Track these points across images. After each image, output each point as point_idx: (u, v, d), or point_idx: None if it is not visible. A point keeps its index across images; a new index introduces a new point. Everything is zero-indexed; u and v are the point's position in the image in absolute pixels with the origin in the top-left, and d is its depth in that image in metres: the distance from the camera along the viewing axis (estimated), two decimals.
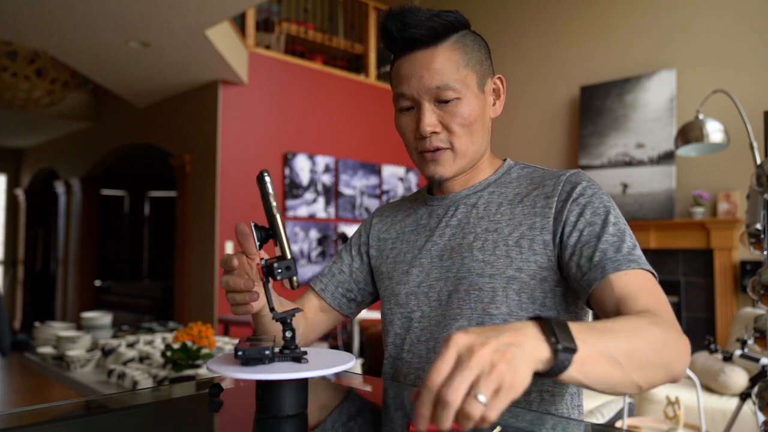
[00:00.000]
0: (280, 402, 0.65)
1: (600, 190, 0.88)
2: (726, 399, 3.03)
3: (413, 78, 0.88)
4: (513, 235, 0.88)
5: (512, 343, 0.52)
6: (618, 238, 0.82)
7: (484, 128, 0.93)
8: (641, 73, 4.92)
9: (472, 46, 0.91)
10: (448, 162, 0.91)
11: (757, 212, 1.99)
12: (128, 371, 2.25)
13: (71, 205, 7.31)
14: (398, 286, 0.97)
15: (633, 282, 0.78)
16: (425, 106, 0.89)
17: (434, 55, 0.88)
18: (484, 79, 0.92)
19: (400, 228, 1.04)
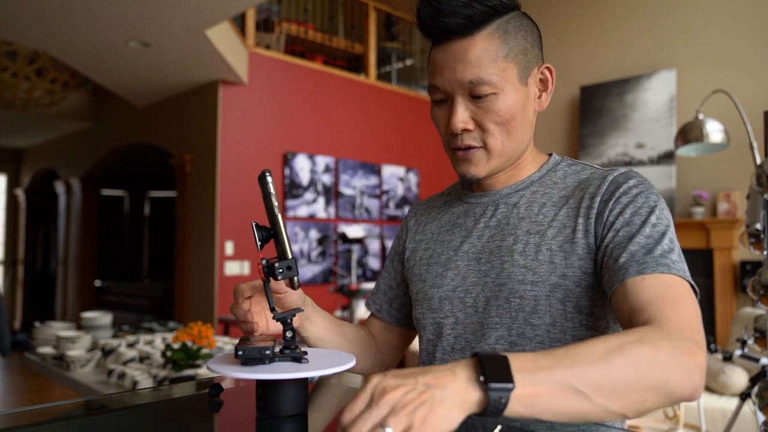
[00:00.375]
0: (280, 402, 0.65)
1: (648, 190, 0.80)
2: (726, 399, 3.03)
3: (446, 70, 0.81)
4: (557, 238, 0.81)
5: (433, 384, 0.50)
6: (654, 240, 0.74)
7: (525, 124, 0.85)
8: (641, 73, 4.92)
9: (515, 33, 0.82)
10: (481, 162, 0.85)
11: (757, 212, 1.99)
12: (128, 371, 2.25)
13: (71, 205, 7.31)
14: (431, 290, 0.90)
15: (653, 288, 0.69)
16: (458, 100, 0.82)
17: (469, 45, 0.80)
18: (527, 71, 0.83)
19: (435, 227, 0.97)
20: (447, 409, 0.49)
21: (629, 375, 0.57)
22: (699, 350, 0.62)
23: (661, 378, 0.58)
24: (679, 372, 0.59)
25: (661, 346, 0.60)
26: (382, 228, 5.88)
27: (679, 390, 0.59)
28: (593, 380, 0.55)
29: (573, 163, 0.91)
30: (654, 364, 0.58)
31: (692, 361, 0.60)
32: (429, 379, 0.51)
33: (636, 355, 0.58)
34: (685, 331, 0.64)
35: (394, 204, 5.98)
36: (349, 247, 5.38)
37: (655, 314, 0.66)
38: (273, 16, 5.64)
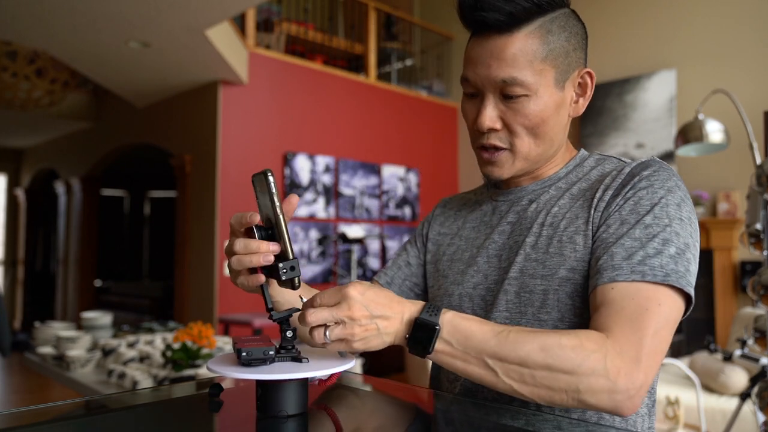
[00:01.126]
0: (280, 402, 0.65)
1: (661, 182, 0.76)
2: (726, 399, 3.03)
3: (480, 65, 0.78)
4: (568, 230, 0.79)
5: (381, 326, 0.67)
6: (641, 242, 0.71)
7: (557, 129, 0.82)
8: (641, 73, 4.92)
9: (558, 33, 0.78)
10: (506, 164, 0.83)
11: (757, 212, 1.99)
12: (128, 371, 2.25)
13: (71, 205, 7.31)
14: (452, 286, 0.89)
15: (617, 298, 0.68)
16: (488, 98, 0.79)
17: (507, 43, 0.76)
18: (566, 74, 0.80)
19: (462, 224, 0.95)
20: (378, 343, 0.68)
21: (541, 373, 0.64)
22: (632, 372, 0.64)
23: (572, 386, 0.64)
24: (596, 386, 0.63)
25: (588, 358, 0.63)
26: (382, 228, 5.88)
27: (593, 402, 0.64)
28: (506, 365, 0.65)
29: (601, 158, 0.88)
30: (571, 373, 0.63)
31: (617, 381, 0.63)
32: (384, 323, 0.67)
33: (557, 358, 0.64)
34: (627, 350, 0.65)
35: (394, 204, 5.98)
36: (349, 247, 5.38)
37: (609, 327, 0.67)
38: (273, 16, 5.64)
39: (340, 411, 0.77)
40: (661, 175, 0.76)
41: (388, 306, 0.68)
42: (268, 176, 0.66)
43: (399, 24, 6.84)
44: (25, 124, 6.89)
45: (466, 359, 0.67)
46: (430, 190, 6.29)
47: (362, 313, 0.66)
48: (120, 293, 7.55)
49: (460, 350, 0.67)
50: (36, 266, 8.92)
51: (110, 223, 8.95)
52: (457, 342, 0.67)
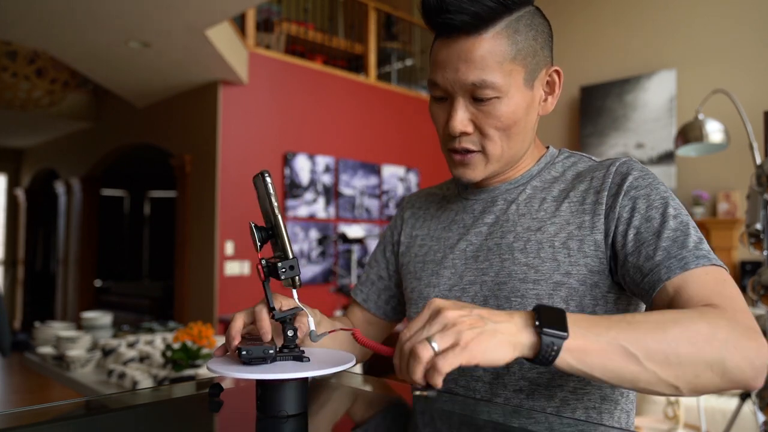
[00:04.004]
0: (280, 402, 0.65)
1: (655, 180, 0.77)
2: (726, 399, 3.03)
3: (449, 68, 0.76)
4: (560, 235, 0.78)
5: (488, 317, 0.56)
6: (682, 231, 0.71)
7: (528, 128, 0.81)
8: (641, 73, 4.92)
9: (525, 32, 0.77)
10: (478, 166, 0.81)
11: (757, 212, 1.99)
12: (128, 371, 2.26)
13: (71, 205, 7.31)
14: (427, 289, 0.87)
15: (700, 282, 0.67)
16: (458, 101, 0.77)
17: (475, 44, 0.75)
18: (535, 73, 0.79)
19: (434, 224, 0.93)
20: (496, 342, 0.55)
21: (684, 347, 0.58)
22: (759, 337, 0.61)
23: (718, 356, 0.58)
24: (737, 354, 0.59)
25: (720, 325, 0.59)
26: (382, 228, 5.87)
27: (737, 372, 0.59)
28: (646, 345, 0.57)
29: (570, 155, 0.88)
30: (711, 341, 0.58)
31: (752, 347, 0.60)
32: (485, 312, 0.57)
33: (693, 329, 0.59)
34: (742, 317, 0.62)
35: (394, 204, 5.98)
36: (349, 247, 5.38)
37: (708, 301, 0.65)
38: (273, 16, 5.64)
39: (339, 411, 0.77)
40: (651, 175, 0.78)
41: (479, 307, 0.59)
42: (265, 177, 0.67)
43: (399, 24, 6.84)
44: (25, 124, 6.89)
45: (603, 349, 0.57)
46: None
47: (459, 311, 0.56)
48: (120, 293, 7.55)
49: (594, 338, 0.57)
50: (36, 266, 8.92)
51: (110, 223, 8.95)
52: (586, 330, 0.57)
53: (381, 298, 0.99)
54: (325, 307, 5.00)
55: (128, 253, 9.40)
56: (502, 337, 0.55)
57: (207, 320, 4.57)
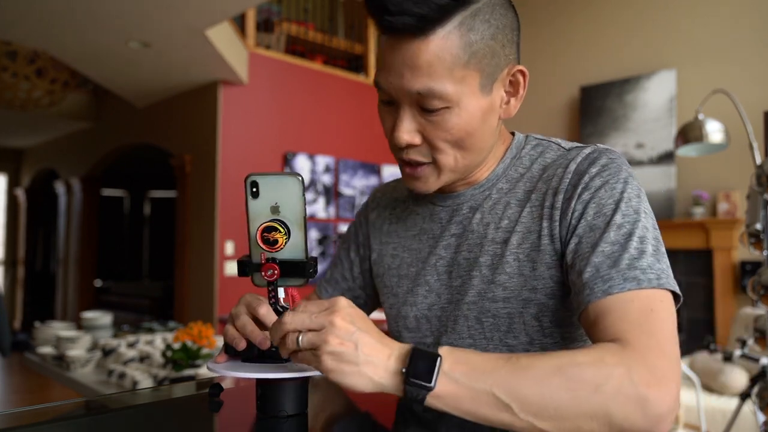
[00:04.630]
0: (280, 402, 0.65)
1: (615, 176, 0.70)
2: (726, 399, 3.03)
3: (393, 73, 0.68)
4: (523, 246, 0.73)
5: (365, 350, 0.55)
6: (620, 246, 0.65)
7: (486, 136, 0.73)
8: (641, 73, 4.92)
9: (482, 31, 0.67)
10: (430, 178, 0.74)
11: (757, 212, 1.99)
12: (128, 371, 2.26)
13: (71, 205, 7.31)
14: (405, 307, 0.83)
15: (623, 309, 0.61)
16: (405, 110, 0.70)
17: (421, 48, 0.65)
18: (494, 75, 0.70)
19: (401, 230, 0.87)
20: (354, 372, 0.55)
21: (564, 398, 0.54)
22: (665, 383, 0.56)
23: (602, 408, 0.54)
24: (628, 405, 0.54)
25: (613, 374, 0.55)
26: None
27: (627, 424, 0.55)
28: (521, 395, 0.54)
29: (538, 143, 0.80)
30: (596, 392, 0.54)
31: (650, 395, 0.55)
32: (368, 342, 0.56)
33: (578, 379, 0.55)
34: (650, 357, 0.57)
35: None
36: None
37: (619, 335, 0.60)
38: (273, 16, 5.64)
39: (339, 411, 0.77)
40: (612, 167, 0.70)
41: (377, 332, 0.58)
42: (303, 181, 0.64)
43: None
44: (25, 124, 6.89)
45: (475, 397, 0.55)
46: None
47: (345, 323, 0.55)
48: (120, 293, 7.55)
49: (466, 386, 0.55)
50: (36, 266, 8.92)
51: (110, 223, 8.95)
52: (461, 375, 0.55)
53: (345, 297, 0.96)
54: None
55: (128, 253, 9.40)
56: (363, 371, 0.55)
57: (207, 320, 4.57)
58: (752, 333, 2.07)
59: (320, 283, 0.99)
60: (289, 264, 0.66)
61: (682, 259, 4.53)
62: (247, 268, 0.69)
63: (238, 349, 0.68)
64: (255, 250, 0.67)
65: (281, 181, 0.65)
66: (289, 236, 0.65)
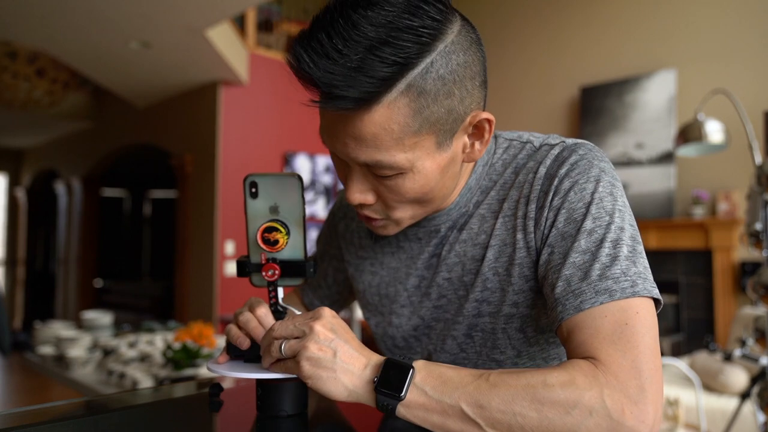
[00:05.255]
0: (280, 402, 0.65)
1: (584, 175, 0.66)
2: (726, 399, 3.03)
3: (336, 140, 0.62)
4: (500, 260, 0.70)
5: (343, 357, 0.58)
6: (591, 254, 0.62)
7: (449, 183, 0.68)
8: (641, 73, 4.92)
9: (436, 89, 0.58)
10: (390, 227, 0.71)
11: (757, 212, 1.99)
12: (128, 371, 2.26)
13: (72, 205, 7.31)
14: (391, 329, 0.81)
15: (595, 324, 0.58)
16: (355, 171, 0.65)
17: (364, 121, 0.58)
18: (452, 131, 0.63)
19: (378, 247, 0.83)
20: (331, 378, 0.57)
21: (531, 419, 0.54)
22: (638, 403, 0.54)
23: (572, 430, 0.53)
24: (600, 427, 0.53)
25: (582, 399, 0.53)
26: None
27: None
28: (490, 413, 0.54)
29: (509, 145, 0.74)
30: (567, 414, 0.53)
31: (624, 417, 0.53)
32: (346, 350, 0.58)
33: (549, 400, 0.54)
34: (625, 379, 0.55)
35: None
36: None
37: (592, 353, 0.57)
38: (273, 16, 5.64)
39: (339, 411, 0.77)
40: (581, 165, 0.66)
41: (356, 342, 0.60)
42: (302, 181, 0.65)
43: None
44: (25, 124, 6.89)
45: (444, 411, 0.55)
46: None
47: (325, 331, 0.58)
48: (120, 293, 7.55)
49: (436, 399, 0.56)
50: (36, 266, 8.92)
51: (110, 223, 8.95)
52: (432, 389, 0.56)
53: (324, 302, 0.96)
54: None
55: (128, 253, 9.40)
56: (339, 378, 0.57)
57: (207, 320, 4.57)
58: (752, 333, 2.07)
59: (303, 286, 0.99)
60: (289, 264, 0.66)
61: (682, 259, 4.53)
62: (246, 268, 0.68)
63: (242, 348, 0.68)
64: (254, 250, 0.67)
65: (280, 181, 0.65)
66: (289, 236, 0.65)
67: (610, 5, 5.22)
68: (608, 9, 5.23)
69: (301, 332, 0.58)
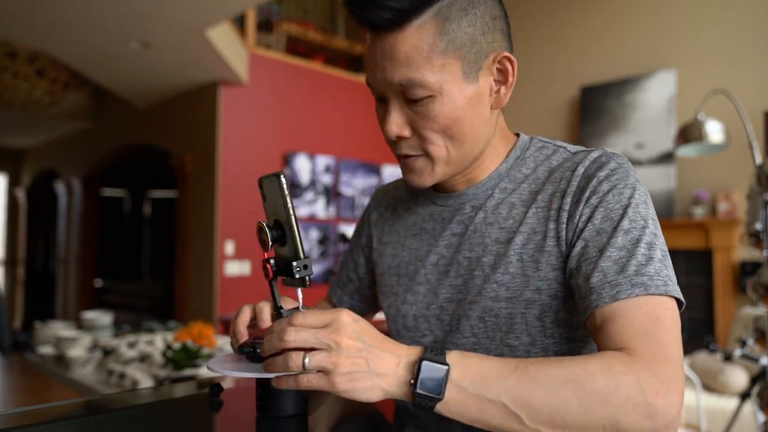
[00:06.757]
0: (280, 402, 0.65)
1: (623, 181, 0.70)
2: (726, 399, 3.03)
3: (376, 68, 0.70)
4: (527, 246, 0.73)
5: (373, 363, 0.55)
6: (627, 251, 0.65)
7: (477, 126, 0.73)
8: (641, 73, 4.92)
9: (458, 19, 0.68)
10: (425, 171, 0.74)
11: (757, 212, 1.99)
12: (128, 371, 2.26)
13: (72, 205, 7.31)
14: (404, 306, 0.83)
15: (630, 315, 0.62)
16: (392, 103, 0.71)
17: (398, 41, 0.67)
18: (477, 63, 0.70)
19: (402, 229, 0.87)
20: (368, 386, 0.54)
21: (573, 408, 0.55)
22: (672, 391, 0.57)
23: (611, 418, 0.55)
24: (636, 414, 0.55)
25: (622, 383, 0.56)
26: None
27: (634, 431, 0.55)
28: (530, 405, 0.55)
29: (543, 146, 0.80)
30: (606, 402, 0.55)
31: (658, 405, 0.55)
32: (375, 354, 0.55)
33: (588, 388, 0.55)
34: (656, 365, 0.58)
35: None
36: None
37: (626, 343, 0.60)
38: (273, 16, 5.64)
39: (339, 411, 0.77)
40: (620, 172, 0.71)
41: (383, 342, 0.57)
42: (281, 179, 0.66)
43: None
44: (25, 124, 6.89)
45: (483, 406, 0.55)
46: None
47: (353, 342, 0.55)
48: (120, 293, 7.55)
49: (475, 395, 0.55)
50: (36, 266, 8.92)
51: (110, 223, 8.95)
52: (471, 385, 0.56)
53: (354, 298, 0.98)
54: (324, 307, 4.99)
55: (128, 253, 9.40)
56: (375, 383, 0.55)
57: (207, 320, 4.57)
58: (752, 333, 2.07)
59: (331, 285, 1.01)
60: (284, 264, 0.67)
61: (682, 259, 4.53)
62: None
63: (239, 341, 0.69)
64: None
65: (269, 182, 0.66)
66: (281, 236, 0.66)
67: (610, 5, 5.22)
68: (608, 9, 5.23)
69: (326, 345, 0.54)
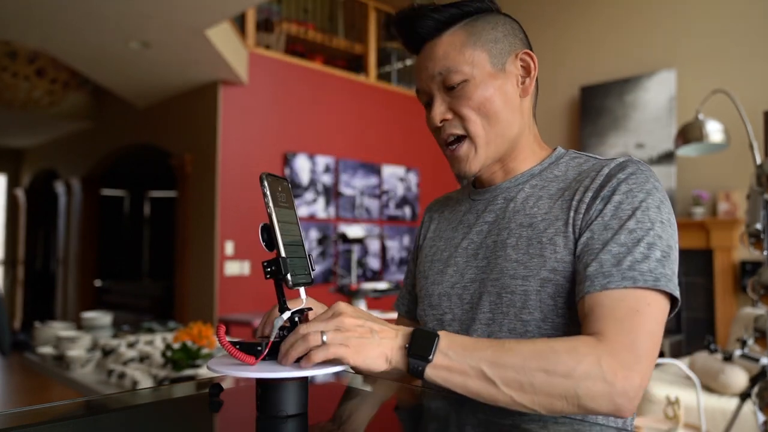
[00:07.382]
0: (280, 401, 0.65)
1: (640, 185, 0.76)
2: (726, 399, 3.03)
3: (422, 71, 0.86)
4: (548, 231, 0.80)
5: (377, 331, 0.67)
6: (627, 248, 0.71)
7: (509, 109, 0.84)
8: (641, 73, 4.92)
9: (482, 26, 0.84)
10: (469, 155, 0.85)
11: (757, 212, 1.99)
12: (128, 371, 2.26)
13: (71, 205, 7.31)
14: (432, 287, 0.91)
15: (613, 305, 0.69)
16: (435, 96, 0.85)
17: (436, 44, 0.84)
18: (502, 57, 0.84)
19: (444, 225, 0.97)
20: (376, 353, 0.66)
21: (540, 378, 0.64)
22: (629, 373, 0.64)
23: (572, 390, 0.64)
24: (595, 389, 0.64)
25: (582, 361, 0.64)
26: (382, 228, 5.88)
27: (593, 405, 0.64)
28: (504, 373, 0.65)
29: (577, 155, 0.88)
30: (567, 377, 0.64)
31: (618, 383, 0.64)
32: (377, 327, 0.67)
33: (554, 362, 0.65)
34: (621, 351, 0.65)
35: (394, 204, 5.98)
36: (349, 247, 5.38)
37: (601, 329, 0.68)
38: (273, 16, 5.64)
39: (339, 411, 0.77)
40: (639, 177, 0.77)
41: (379, 320, 0.69)
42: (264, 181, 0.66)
43: None
44: (25, 124, 6.89)
45: (465, 371, 0.66)
46: (430, 190, 6.29)
47: (353, 319, 0.67)
48: (120, 293, 7.55)
49: (458, 362, 0.66)
50: (36, 266, 8.92)
51: (110, 223, 8.94)
52: (455, 354, 0.66)
53: (411, 310, 1.03)
54: None
55: (128, 253, 9.40)
56: (381, 350, 0.66)
57: (207, 320, 4.57)
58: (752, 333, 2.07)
59: (397, 299, 1.08)
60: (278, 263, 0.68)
61: (682, 259, 4.53)
62: None
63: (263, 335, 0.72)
64: None
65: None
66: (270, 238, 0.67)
67: (610, 6, 5.22)
68: (609, 9, 5.23)
69: (334, 326, 0.65)
